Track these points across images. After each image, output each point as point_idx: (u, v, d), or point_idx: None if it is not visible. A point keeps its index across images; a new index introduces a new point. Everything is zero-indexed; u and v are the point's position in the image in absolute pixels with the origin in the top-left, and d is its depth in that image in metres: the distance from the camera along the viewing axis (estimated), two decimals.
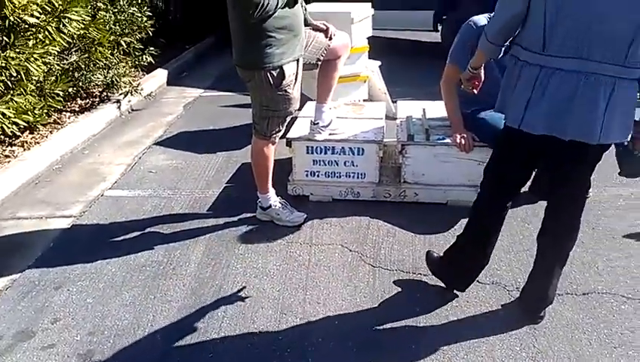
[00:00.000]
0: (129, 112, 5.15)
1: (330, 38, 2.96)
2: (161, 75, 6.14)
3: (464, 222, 2.99)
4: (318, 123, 3.14)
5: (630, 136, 1.94)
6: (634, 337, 2.21)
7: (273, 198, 3.06)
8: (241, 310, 2.42)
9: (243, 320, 2.36)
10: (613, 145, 2.11)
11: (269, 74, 2.59)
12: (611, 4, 1.71)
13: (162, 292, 2.56)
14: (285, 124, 2.84)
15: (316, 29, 2.97)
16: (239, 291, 2.55)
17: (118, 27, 4.73)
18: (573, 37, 1.76)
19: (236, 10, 2.50)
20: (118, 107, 5.01)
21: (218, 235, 3.01)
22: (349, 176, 3.28)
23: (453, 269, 2.44)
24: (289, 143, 3.24)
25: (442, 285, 2.51)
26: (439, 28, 6.58)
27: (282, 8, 2.51)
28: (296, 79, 2.71)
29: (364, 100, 4.32)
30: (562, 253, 2.17)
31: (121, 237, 3.03)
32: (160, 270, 2.72)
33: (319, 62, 2.97)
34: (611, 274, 2.59)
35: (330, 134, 3.22)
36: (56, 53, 4.06)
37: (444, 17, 6.44)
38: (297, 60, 2.70)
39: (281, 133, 2.89)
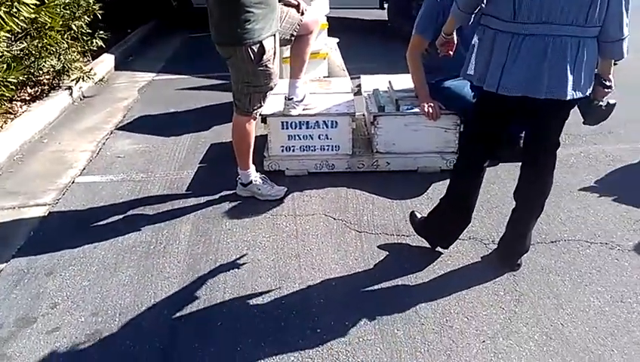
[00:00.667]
0: (81, 99, 5.01)
1: (302, 14, 3.03)
2: (108, 59, 5.96)
3: (435, 186, 3.24)
4: (292, 98, 3.22)
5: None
6: (600, 276, 2.47)
7: (254, 174, 3.12)
8: (241, 280, 2.50)
9: (244, 289, 2.44)
10: None
11: (249, 49, 2.64)
12: None
13: (158, 270, 2.59)
14: (266, 99, 2.90)
15: (287, 4, 3.03)
16: (235, 263, 2.62)
17: (67, 10, 4.55)
18: (540, 4, 1.94)
19: None
20: (70, 94, 4.85)
21: (202, 213, 3.05)
22: (324, 149, 3.39)
23: (438, 230, 2.62)
24: (264, 120, 3.30)
25: (426, 244, 2.68)
26: (385, 6, 6.73)
27: None
28: (274, 54, 2.77)
29: (324, 77, 4.42)
30: (539, 203, 2.38)
31: (103, 222, 3.01)
32: (151, 249, 2.74)
33: (293, 38, 3.04)
34: (573, 223, 2.86)
35: (303, 109, 3.30)
36: (5, 39, 3.89)
37: None
38: (274, 35, 2.76)
39: (262, 109, 2.95)
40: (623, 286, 2.40)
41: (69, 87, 4.85)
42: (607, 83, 2.16)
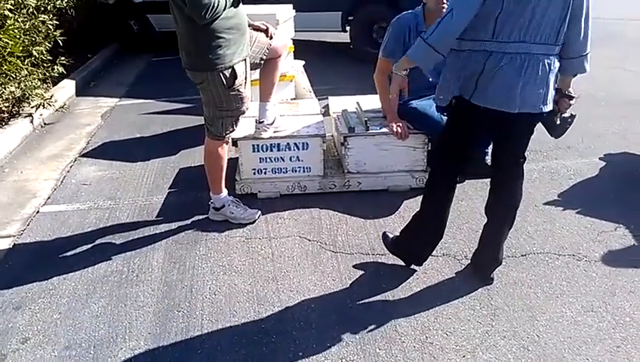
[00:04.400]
0: (42, 126, 4.88)
1: (271, 38, 3.07)
2: (69, 85, 5.84)
3: (406, 204, 3.29)
4: (263, 121, 3.23)
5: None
6: (570, 286, 2.55)
7: (226, 198, 3.10)
8: (219, 306, 2.47)
9: (222, 315, 2.41)
10: None
11: (221, 75, 2.65)
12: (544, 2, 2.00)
13: (132, 299, 2.53)
14: (238, 123, 2.91)
15: (256, 28, 3.06)
16: (211, 289, 2.58)
17: (27, 36, 4.46)
18: (520, 25, 2.03)
19: (184, 13, 2.53)
20: (31, 121, 4.73)
21: (174, 239, 3.01)
22: (295, 171, 3.40)
23: (412, 247, 2.65)
24: (235, 143, 3.29)
25: (401, 262, 2.71)
26: (347, 29, 6.85)
27: (229, 8, 2.58)
28: (246, 78, 2.78)
29: (291, 99, 4.45)
30: (510, 216, 2.45)
31: (72, 252, 2.93)
32: (123, 279, 2.68)
33: (262, 61, 3.06)
34: (541, 237, 2.95)
35: (274, 132, 3.32)
36: None
37: (351, 18, 6.73)
38: (245, 60, 2.78)
39: (234, 133, 2.95)
40: (593, 296, 2.48)
41: (30, 115, 4.73)
42: (572, 95, 2.27)
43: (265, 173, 3.39)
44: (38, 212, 3.35)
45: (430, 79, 3.19)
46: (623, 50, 6.84)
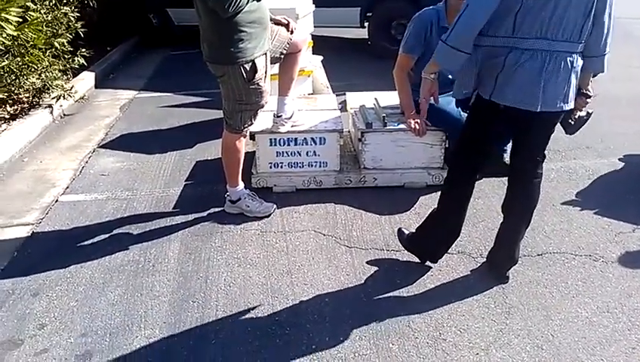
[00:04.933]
0: (61, 117, 4.95)
1: (292, 32, 3.07)
2: (88, 77, 5.91)
3: (422, 200, 3.28)
4: (281, 115, 3.24)
5: None
6: (586, 287, 2.53)
7: (242, 191, 3.12)
8: (233, 297, 2.49)
9: (237, 307, 2.43)
10: None
11: (242, 68, 2.66)
12: None
13: (148, 289, 2.56)
14: (256, 117, 2.92)
15: (277, 23, 3.07)
16: (226, 280, 2.61)
17: (50, 28, 4.52)
18: (541, 21, 2.00)
19: (207, 6, 2.54)
20: (51, 112, 4.79)
21: (191, 231, 3.03)
22: (312, 166, 3.41)
23: (428, 244, 2.65)
24: (252, 137, 3.31)
25: (415, 259, 2.71)
26: (365, 25, 6.84)
27: (251, 2, 2.59)
28: (266, 72, 2.79)
29: (309, 94, 4.46)
30: (527, 215, 2.44)
31: (89, 241, 2.96)
32: (139, 268, 2.71)
33: (282, 56, 3.07)
34: (557, 236, 2.93)
35: (292, 126, 3.32)
36: None
37: (370, 14, 6.72)
38: (266, 54, 2.79)
39: (252, 127, 2.97)
40: (609, 296, 2.46)
41: (50, 105, 4.79)
42: (589, 93, 2.24)
43: (281, 167, 3.41)
44: (56, 201, 3.40)
45: (450, 76, 3.17)
46: None
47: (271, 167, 3.41)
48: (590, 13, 2.02)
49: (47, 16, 4.63)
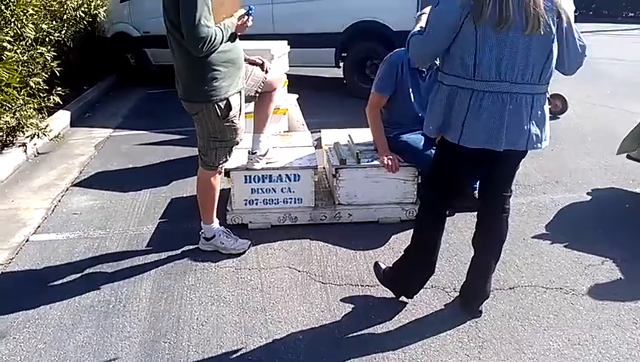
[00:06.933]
0: (35, 156, 4.91)
1: (266, 72, 3.14)
2: (64, 116, 5.90)
3: (396, 236, 3.31)
4: (256, 152, 3.27)
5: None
6: (557, 320, 2.56)
7: (217, 228, 3.11)
8: (205, 337, 2.45)
9: (209, 346, 2.39)
10: None
11: (216, 106, 2.70)
12: (526, 40, 2.05)
13: (118, 329, 2.51)
14: (231, 154, 2.94)
15: (252, 63, 3.14)
16: (198, 320, 2.57)
17: (25, 67, 4.53)
18: (497, 64, 2.06)
19: (182, 46, 2.59)
20: (25, 151, 4.76)
21: (164, 269, 3.00)
22: (287, 202, 3.43)
23: (403, 280, 2.66)
24: (227, 174, 3.32)
25: (390, 294, 2.72)
26: (341, 64, 6.99)
27: (225, 42, 2.65)
28: (240, 110, 2.84)
29: (284, 131, 4.51)
30: (498, 248, 2.47)
31: (59, 281, 2.91)
32: (110, 309, 2.66)
33: (257, 94, 3.12)
34: (529, 270, 2.97)
35: (266, 163, 3.35)
36: None
37: (345, 55, 6.88)
38: (240, 92, 2.83)
39: (227, 163, 2.99)
40: (579, 329, 2.49)
41: (24, 144, 4.77)
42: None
43: (256, 203, 3.42)
44: (27, 241, 3.34)
45: (420, 114, 3.26)
46: (610, 88, 7.00)
47: (246, 204, 3.41)
48: (550, 57, 2.09)
49: (22, 56, 4.64)
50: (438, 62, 2.30)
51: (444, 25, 2.09)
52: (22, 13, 4.65)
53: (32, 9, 4.91)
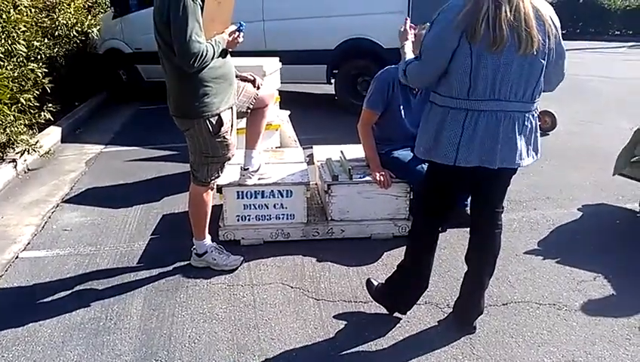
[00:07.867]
0: (25, 172, 4.88)
1: (258, 88, 3.15)
2: (55, 132, 5.88)
3: (389, 252, 3.31)
4: (248, 168, 3.27)
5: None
6: (551, 336, 2.56)
7: (209, 244, 3.10)
8: (198, 355, 2.42)
9: None
10: None
11: (208, 122, 2.70)
12: (519, 60, 2.08)
13: (109, 348, 2.47)
14: (223, 169, 2.94)
15: (244, 79, 3.15)
16: (190, 337, 2.54)
17: (16, 84, 4.51)
18: (492, 83, 2.09)
19: (173, 62, 2.60)
20: (15, 167, 4.73)
21: (155, 286, 2.97)
22: (279, 218, 3.42)
23: (397, 296, 2.65)
24: (219, 190, 3.31)
25: (383, 310, 2.70)
26: (332, 81, 7.05)
27: (216, 58, 2.66)
28: (232, 126, 2.84)
29: (276, 148, 4.52)
30: (491, 264, 2.47)
31: (49, 298, 2.87)
32: (100, 326, 2.63)
33: (249, 111, 3.13)
34: (522, 286, 2.97)
35: (259, 179, 3.35)
36: None
37: (336, 71, 6.94)
38: (232, 108, 2.84)
39: (219, 179, 2.98)
40: (573, 345, 2.49)
41: (14, 160, 4.74)
42: None
43: (249, 219, 3.41)
44: (17, 258, 3.30)
45: (411, 130, 3.28)
46: (598, 106, 7.09)
47: (238, 220, 3.40)
48: (541, 75, 2.12)
49: (13, 73, 4.63)
50: None
51: (441, 48, 2.11)
52: (13, 30, 4.65)
53: (24, 25, 4.92)
